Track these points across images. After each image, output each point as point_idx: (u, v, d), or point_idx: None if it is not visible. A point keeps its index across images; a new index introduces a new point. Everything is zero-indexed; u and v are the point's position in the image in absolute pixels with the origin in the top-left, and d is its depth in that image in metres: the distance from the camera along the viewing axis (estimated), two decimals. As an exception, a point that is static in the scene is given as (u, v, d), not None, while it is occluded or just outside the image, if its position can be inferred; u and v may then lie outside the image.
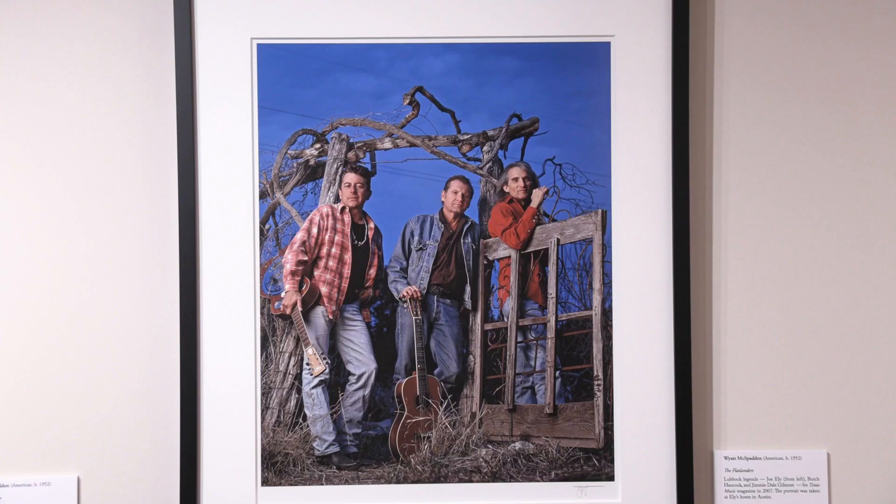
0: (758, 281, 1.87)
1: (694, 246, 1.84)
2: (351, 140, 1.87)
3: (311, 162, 1.88)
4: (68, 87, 1.84)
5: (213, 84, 1.81)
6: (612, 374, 1.82)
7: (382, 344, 1.89)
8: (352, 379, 1.87)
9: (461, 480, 1.83)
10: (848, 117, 1.87)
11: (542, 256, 1.90)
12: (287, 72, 1.81)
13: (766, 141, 1.87)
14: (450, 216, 1.92)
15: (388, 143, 1.87)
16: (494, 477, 1.84)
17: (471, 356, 1.90)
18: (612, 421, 1.83)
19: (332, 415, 1.85)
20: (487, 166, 1.89)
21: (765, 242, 1.87)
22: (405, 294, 1.90)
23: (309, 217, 1.88)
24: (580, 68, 1.82)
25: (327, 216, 1.88)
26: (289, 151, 1.85)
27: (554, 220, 1.89)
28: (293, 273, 1.86)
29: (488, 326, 1.91)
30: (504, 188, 1.90)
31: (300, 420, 1.85)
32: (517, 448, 1.85)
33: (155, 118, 1.83)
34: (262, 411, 1.83)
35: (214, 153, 1.81)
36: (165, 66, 1.82)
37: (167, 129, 1.82)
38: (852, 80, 1.87)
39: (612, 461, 1.83)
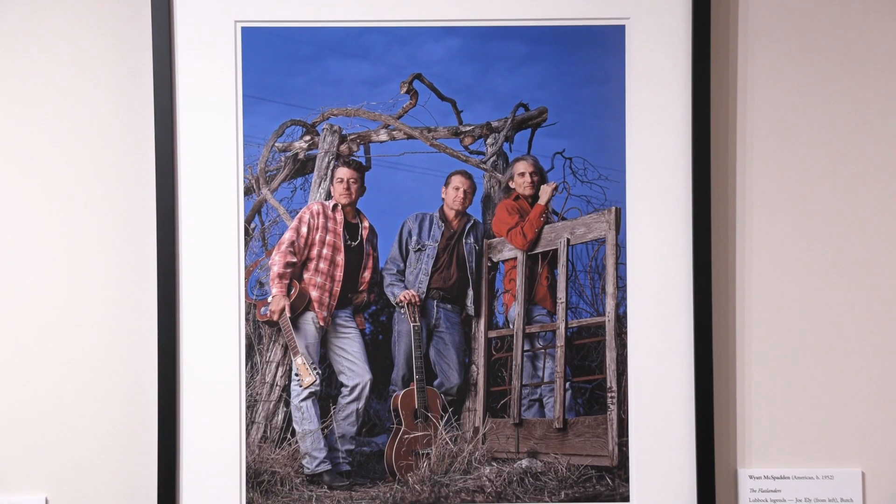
0: (786, 285, 1.83)
1: (716, 246, 1.80)
2: (343, 132, 1.84)
3: (301, 155, 1.85)
4: (34, 72, 1.80)
5: (194, 71, 1.77)
6: (626, 386, 1.79)
7: (378, 353, 1.86)
8: (344, 391, 1.84)
9: (463, 501, 1.79)
10: (890, 105, 1.82)
11: (551, 258, 1.87)
12: (274, 58, 1.78)
13: (796, 132, 1.83)
14: (451, 214, 1.90)
15: (383, 136, 1.85)
16: (499, 497, 1.79)
17: (473, 366, 1.88)
18: (627, 437, 1.79)
19: (322, 430, 1.82)
20: (491, 160, 1.87)
21: (794, 243, 1.83)
22: (402, 299, 1.87)
23: (298, 215, 1.84)
24: (592, 54, 1.79)
25: (318, 214, 1.85)
26: (276, 144, 1.82)
27: (563, 219, 1.86)
28: (281, 276, 1.83)
29: (492, 334, 1.89)
30: (510, 184, 1.87)
31: (288, 435, 1.82)
32: (524, 466, 1.81)
33: (131, 108, 1.79)
34: (247, 426, 1.79)
35: (195, 146, 1.77)
36: (142, 51, 1.78)
37: (144, 120, 1.78)
38: (894, 63, 1.82)
39: (626, 480, 1.79)
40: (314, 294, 1.85)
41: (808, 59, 1.83)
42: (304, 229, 1.84)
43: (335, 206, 1.86)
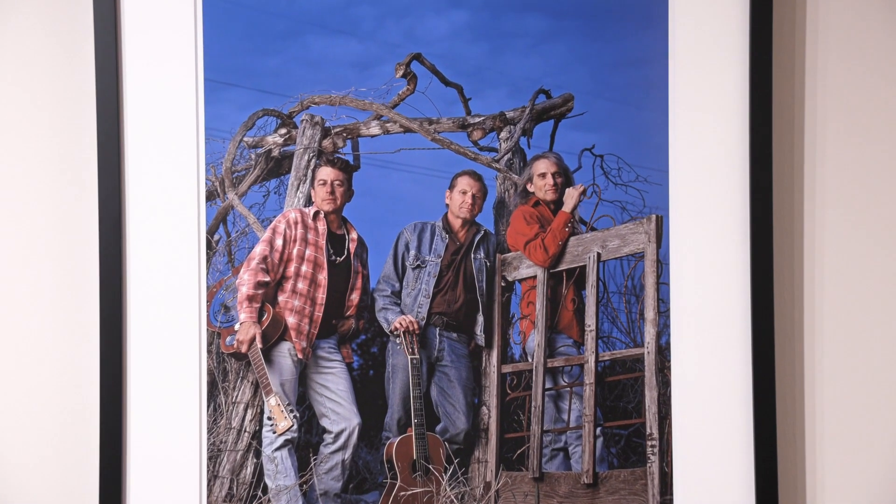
0: (864, 309, 1.75)
1: (779, 262, 1.73)
2: (327, 124, 1.83)
3: (275, 152, 1.84)
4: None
5: (144, 50, 1.73)
6: (670, 432, 1.73)
7: (368, 391, 1.85)
8: (328, 438, 1.81)
9: (472, 573, 1.79)
10: None
11: (578, 277, 1.85)
12: (242, 34, 1.75)
13: (878, 122, 1.76)
14: (456, 224, 1.88)
15: (375, 128, 1.84)
16: (516, 569, 1.77)
17: (484, 408, 1.87)
18: (672, 494, 1.73)
19: (301, 486, 1.79)
20: (506, 158, 1.86)
21: (874, 258, 1.76)
22: (398, 326, 1.84)
23: (272, 225, 1.83)
24: (627, 29, 1.74)
25: (296, 224, 1.84)
26: (245, 139, 1.81)
27: (593, 229, 1.83)
28: (251, 298, 1.81)
29: (507, 369, 1.87)
30: (528, 187, 1.85)
31: (259, 493, 1.78)
32: (546, 530, 1.79)
33: (68, 96, 1.75)
34: (209, 481, 1.74)
35: (145, 141, 1.73)
36: (82, 25, 1.73)
37: (84, 110, 1.74)
38: None
39: (671, 548, 1.76)
40: (291, 320, 1.83)
41: (891, 32, 1.76)
42: (278, 242, 1.83)
43: (317, 214, 1.85)
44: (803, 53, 1.76)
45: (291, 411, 1.80)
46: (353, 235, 1.85)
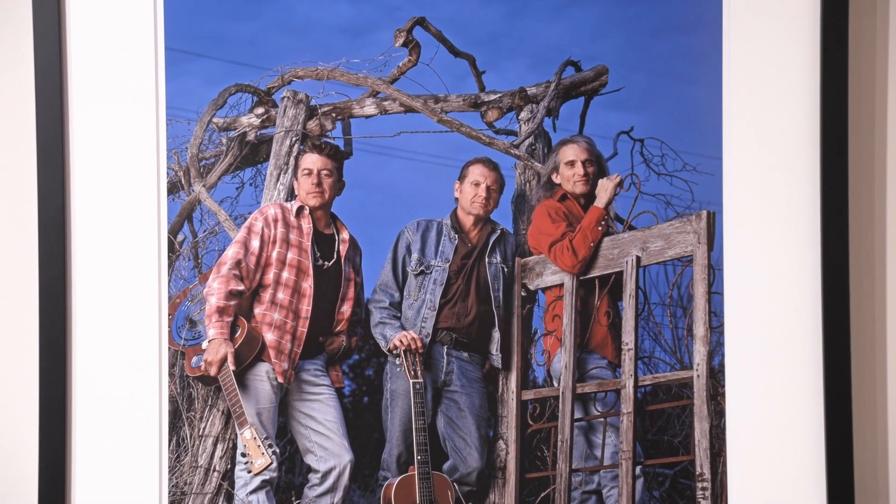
0: None
1: (856, 268, 1.64)
2: (313, 102, 1.81)
3: (251, 136, 1.81)
4: None
5: (93, 14, 1.63)
6: (724, 471, 1.65)
7: (362, 422, 1.83)
8: (314, 478, 1.76)
9: None
10: None
11: (613, 285, 1.82)
12: None
13: None
14: (468, 222, 1.85)
15: (370, 108, 1.83)
16: None
17: (501, 442, 1.83)
18: None
19: None
20: (527, 143, 1.84)
21: None
22: (398, 344, 1.80)
23: (247, 223, 1.79)
24: None
25: (275, 222, 1.79)
26: (214, 120, 1.77)
27: (632, 228, 1.79)
28: (221, 311, 1.75)
29: (528, 395, 1.84)
30: (553, 177, 1.83)
31: None
32: (575, 588, 1.69)
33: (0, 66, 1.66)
34: None
35: (94, 123, 1.64)
36: None
37: (19, 85, 1.65)
38: None
39: None
40: (270, 337, 1.77)
41: None
42: (255, 243, 1.78)
43: (300, 210, 1.82)
44: (886, 15, 1.67)
45: (270, 446, 1.74)
46: (344, 235, 1.81)
